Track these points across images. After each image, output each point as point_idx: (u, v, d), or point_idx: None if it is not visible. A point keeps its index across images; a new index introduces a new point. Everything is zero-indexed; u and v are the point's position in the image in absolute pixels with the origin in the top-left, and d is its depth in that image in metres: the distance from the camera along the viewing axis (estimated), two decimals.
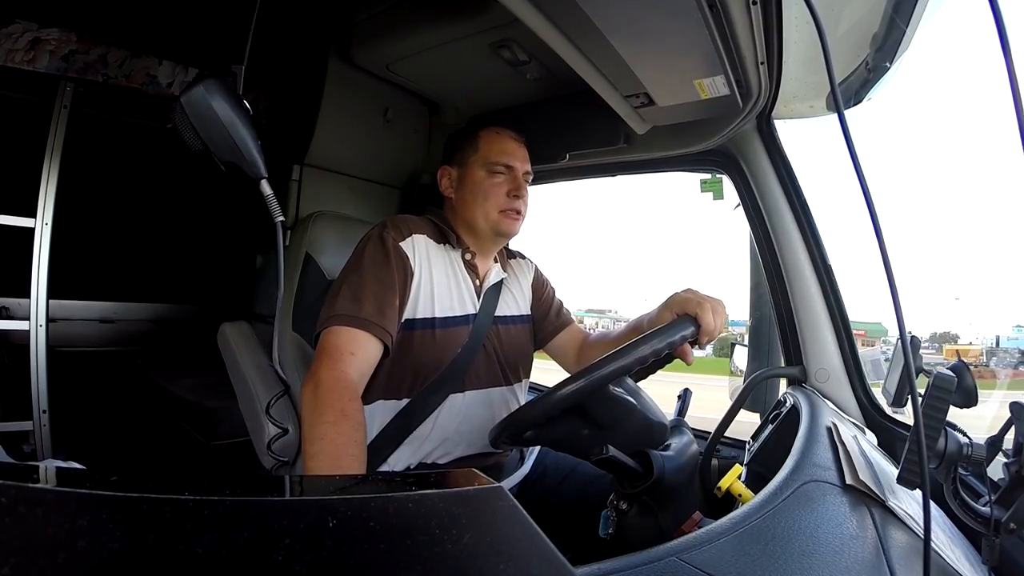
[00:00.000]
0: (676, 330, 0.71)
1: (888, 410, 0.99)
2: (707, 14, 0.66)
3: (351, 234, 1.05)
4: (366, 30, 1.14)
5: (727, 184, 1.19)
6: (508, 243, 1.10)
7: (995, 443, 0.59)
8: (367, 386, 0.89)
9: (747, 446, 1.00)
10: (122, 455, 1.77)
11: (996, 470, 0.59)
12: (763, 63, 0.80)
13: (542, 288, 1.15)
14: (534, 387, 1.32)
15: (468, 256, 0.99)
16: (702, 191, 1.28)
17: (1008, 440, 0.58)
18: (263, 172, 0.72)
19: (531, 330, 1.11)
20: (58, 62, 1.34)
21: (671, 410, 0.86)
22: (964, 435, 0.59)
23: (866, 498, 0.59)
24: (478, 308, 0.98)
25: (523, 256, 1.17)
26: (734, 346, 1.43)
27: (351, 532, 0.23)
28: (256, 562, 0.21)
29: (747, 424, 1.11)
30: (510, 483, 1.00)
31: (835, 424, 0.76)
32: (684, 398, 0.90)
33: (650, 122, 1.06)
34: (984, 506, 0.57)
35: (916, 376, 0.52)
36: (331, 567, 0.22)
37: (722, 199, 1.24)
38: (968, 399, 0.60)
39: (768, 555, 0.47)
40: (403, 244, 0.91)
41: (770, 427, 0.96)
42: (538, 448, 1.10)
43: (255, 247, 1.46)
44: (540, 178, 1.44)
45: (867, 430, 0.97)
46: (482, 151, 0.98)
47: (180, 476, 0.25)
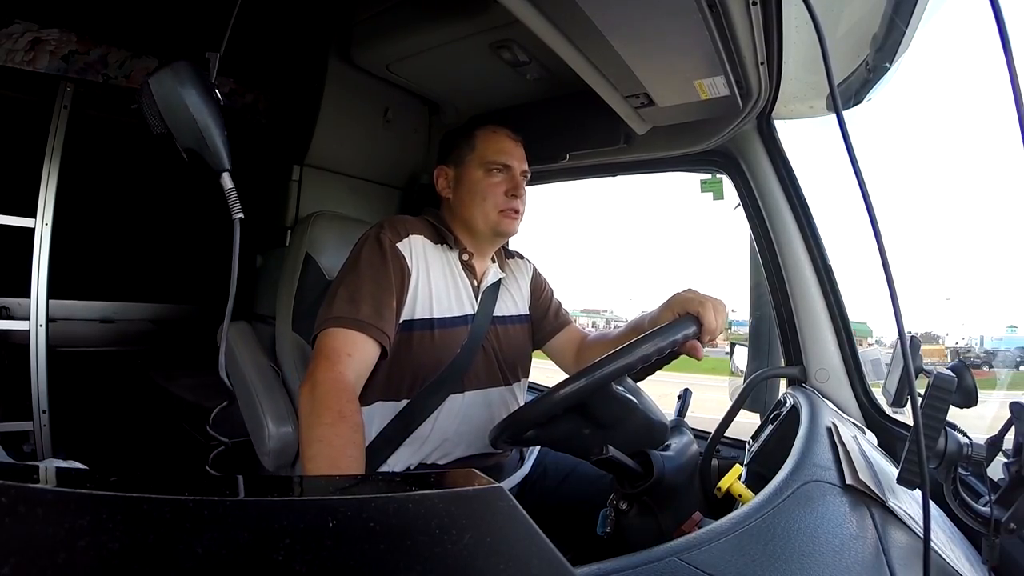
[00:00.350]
0: (678, 329, 0.71)
1: (888, 410, 0.99)
2: (707, 14, 0.66)
3: (351, 234, 1.05)
4: (366, 30, 1.14)
5: (727, 184, 1.19)
6: (507, 243, 1.10)
7: (995, 443, 0.59)
8: (366, 387, 0.89)
9: (747, 446, 1.00)
10: (122, 455, 1.77)
11: (996, 470, 0.59)
12: (763, 63, 0.80)
13: (540, 288, 1.15)
14: (533, 387, 1.32)
15: (465, 257, 0.99)
16: (702, 191, 1.28)
17: (1008, 440, 0.58)
18: (226, 164, 0.68)
19: (530, 330, 1.11)
20: (58, 62, 1.34)
21: (671, 410, 0.86)
22: (964, 435, 0.59)
23: (866, 498, 0.59)
24: (476, 308, 0.98)
25: (521, 256, 1.16)
26: (734, 346, 1.44)
27: (351, 532, 0.23)
28: (256, 562, 0.21)
29: (747, 424, 1.11)
30: (510, 483, 1.00)
31: (835, 424, 0.76)
32: (684, 398, 0.90)
33: (650, 122, 1.06)
34: (984, 506, 0.57)
35: (916, 376, 0.52)
36: (331, 567, 0.22)
37: (722, 199, 1.24)
38: (968, 399, 0.60)
39: (768, 555, 0.47)
40: (400, 245, 0.91)
41: (770, 427, 0.96)
42: (538, 448, 1.10)
43: (255, 247, 1.45)
44: (540, 178, 1.44)
45: (867, 430, 0.97)
46: (479, 150, 0.98)
47: (180, 476, 0.25)
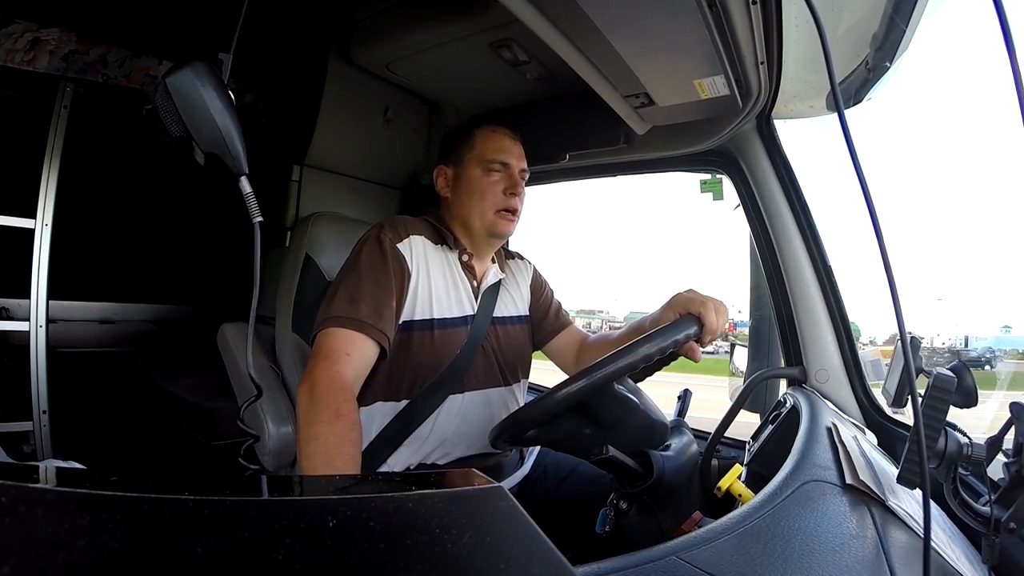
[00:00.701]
0: (680, 329, 0.72)
1: (888, 410, 0.99)
2: (707, 14, 0.66)
3: (351, 235, 1.05)
4: (366, 30, 1.14)
5: (727, 184, 1.19)
6: (507, 243, 1.10)
7: (995, 443, 0.59)
8: (366, 388, 0.89)
9: (747, 446, 1.00)
10: (122, 455, 1.77)
11: (996, 470, 0.59)
12: (763, 63, 0.80)
13: (541, 289, 1.15)
14: (534, 388, 1.32)
15: (465, 257, 0.99)
16: (702, 191, 1.28)
17: (1008, 440, 0.58)
18: (245, 168, 0.66)
19: (530, 331, 1.11)
20: (58, 62, 1.34)
21: (671, 410, 0.86)
22: (964, 435, 0.59)
23: (866, 498, 0.59)
24: (476, 309, 0.98)
25: (521, 257, 1.16)
26: (734, 346, 1.44)
27: (351, 532, 0.23)
28: (256, 562, 0.21)
29: (747, 424, 1.11)
30: (510, 483, 1.00)
31: (835, 424, 0.76)
32: (684, 398, 0.90)
33: (650, 122, 1.06)
34: (984, 506, 0.57)
35: (916, 376, 0.52)
36: (331, 567, 0.22)
37: (722, 199, 1.24)
38: (968, 399, 0.60)
39: (768, 554, 0.47)
40: (400, 245, 0.91)
41: (770, 427, 0.96)
42: (538, 448, 1.10)
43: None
44: (540, 178, 1.44)
45: (867, 430, 0.97)
46: (478, 149, 0.98)
47: (180, 476, 0.25)
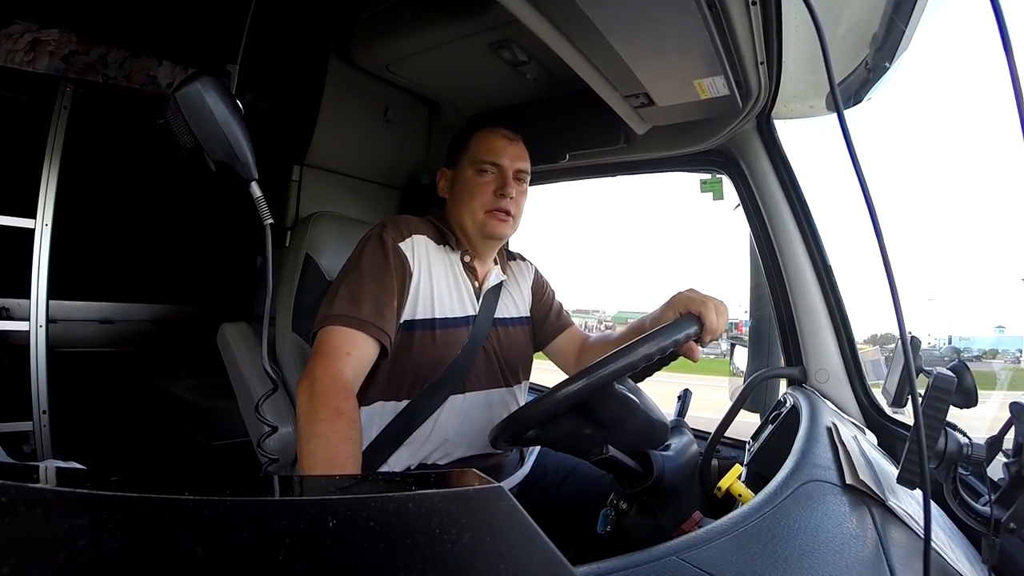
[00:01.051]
0: (681, 328, 0.72)
1: (888, 410, 0.99)
2: (707, 14, 0.66)
3: (351, 235, 1.05)
4: (366, 30, 1.14)
5: (727, 184, 1.19)
6: (507, 245, 1.10)
7: (995, 443, 0.59)
8: (367, 387, 0.89)
9: (747, 446, 1.00)
10: (122, 455, 1.77)
11: (996, 470, 0.59)
12: (763, 63, 0.80)
13: (542, 290, 1.15)
14: (534, 388, 1.32)
15: (467, 258, 0.99)
16: (702, 191, 1.28)
17: (1008, 440, 0.58)
18: (254, 174, 0.69)
19: (531, 332, 1.11)
20: (58, 63, 1.34)
21: (670, 410, 0.86)
22: (964, 435, 0.59)
23: (866, 498, 0.59)
24: (477, 310, 0.98)
25: (523, 258, 1.16)
26: (734, 346, 1.43)
27: (351, 532, 0.23)
28: (256, 562, 0.21)
29: (747, 424, 1.11)
30: (510, 484, 1.00)
31: (835, 424, 0.76)
32: (684, 398, 0.90)
33: (650, 122, 1.06)
34: (984, 506, 0.57)
35: (916, 376, 0.52)
36: (331, 567, 0.22)
37: (722, 199, 1.24)
38: (968, 399, 0.60)
39: (768, 555, 0.47)
40: (402, 245, 0.91)
41: (770, 427, 0.96)
42: (538, 448, 1.10)
43: (255, 248, 1.45)
44: (540, 178, 1.44)
45: (867, 430, 0.97)
46: (471, 150, 0.97)
47: (180, 476, 0.25)
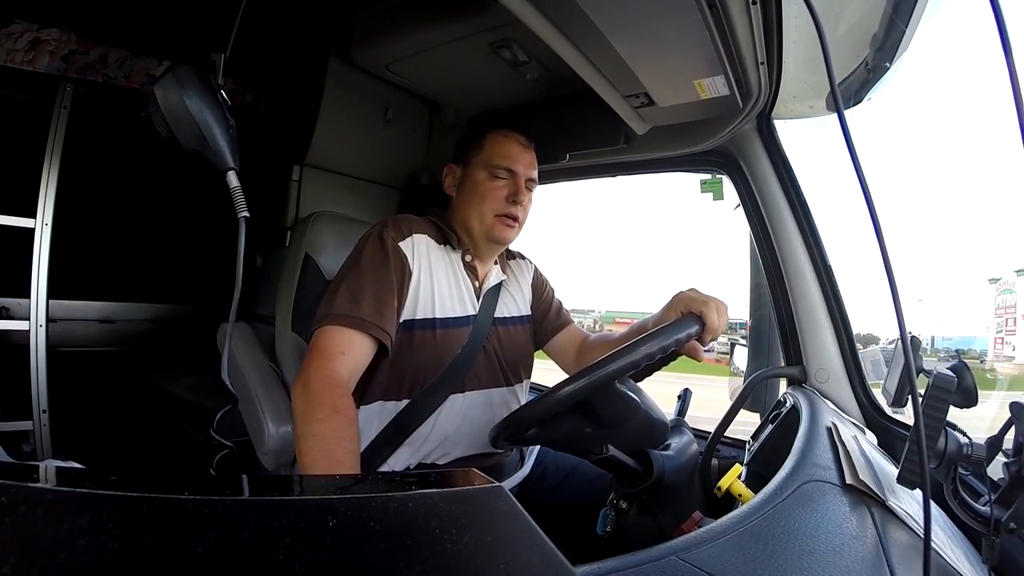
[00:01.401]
0: (682, 327, 0.72)
1: (888, 410, 0.99)
2: (707, 14, 0.66)
3: (351, 234, 1.05)
4: (366, 30, 1.14)
5: (727, 184, 1.19)
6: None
7: (995, 443, 0.59)
8: (367, 387, 0.89)
9: (747, 446, 1.00)
10: (122, 455, 1.77)
11: (996, 470, 0.59)
12: (763, 63, 0.80)
13: (542, 288, 1.15)
14: (535, 387, 1.32)
15: (468, 258, 0.99)
16: (702, 191, 1.28)
17: (1008, 440, 0.58)
18: (230, 163, 0.68)
19: (531, 330, 1.11)
20: (58, 62, 1.34)
21: (670, 410, 0.86)
22: (964, 435, 0.59)
23: (866, 498, 0.59)
24: (478, 309, 0.98)
25: (523, 256, 1.16)
26: (734, 346, 1.43)
27: (351, 532, 0.23)
28: (256, 562, 0.21)
29: (747, 424, 1.11)
30: (511, 484, 1.00)
31: (835, 424, 0.76)
32: (684, 398, 0.90)
33: (650, 122, 1.06)
34: (984, 506, 0.57)
35: (916, 376, 0.52)
36: (331, 567, 0.22)
37: (722, 199, 1.24)
38: (968, 399, 0.60)
39: (768, 554, 0.47)
40: (402, 244, 0.91)
41: (770, 427, 0.96)
42: (538, 448, 1.10)
43: (255, 247, 1.45)
44: (540, 178, 1.43)
45: (867, 430, 0.97)
46: (486, 152, 0.97)
47: (180, 476, 0.25)
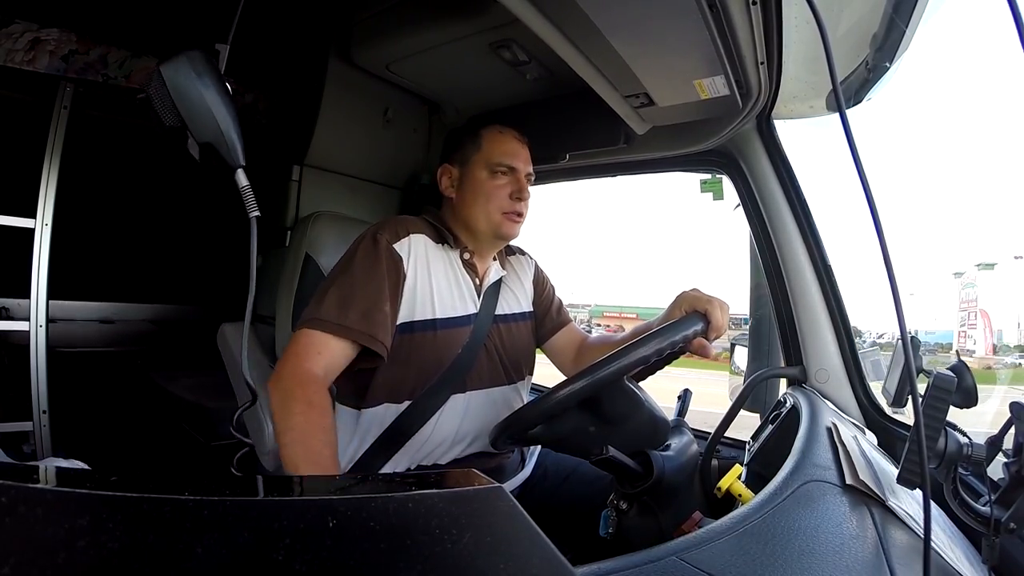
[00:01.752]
0: (687, 325, 0.73)
1: (888, 410, 0.99)
2: (707, 14, 0.66)
3: (351, 234, 1.05)
4: (366, 30, 1.14)
5: (727, 184, 1.19)
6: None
7: (995, 443, 0.59)
8: (369, 391, 0.89)
9: (747, 446, 1.00)
10: (122, 455, 1.77)
11: (996, 470, 0.59)
12: (763, 63, 0.80)
13: (542, 285, 1.14)
14: (535, 388, 1.32)
15: (467, 256, 0.99)
16: (702, 191, 1.28)
17: (1008, 440, 0.58)
18: (241, 160, 0.64)
19: (533, 326, 1.10)
20: (58, 62, 1.34)
21: (670, 406, 0.86)
22: (964, 435, 0.59)
23: (866, 498, 0.59)
24: (478, 307, 0.98)
25: (522, 252, 1.16)
26: (734, 346, 1.43)
27: (351, 532, 0.23)
28: (256, 562, 0.21)
29: (748, 424, 1.11)
30: (511, 485, 1.00)
31: (835, 424, 0.76)
32: (684, 398, 0.90)
33: (650, 122, 1.06)
34: (984, 506, 0.57)
35: (916, 376, 0.52)
36: (331, 567, 0.22)
37: (722, 199, 1.24)
38: (968, 399, 0.60)
39: (768, 555, 0.47)
40: (397, 245, 0.90)
41: (770, 427, 0.96)
42: (539, 450, 1.10)
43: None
44: (540, 178, 1.43)
45: (867, 430, 0.97)
46: (485, 151, 0.97)
47: (180, 476, 0.25)
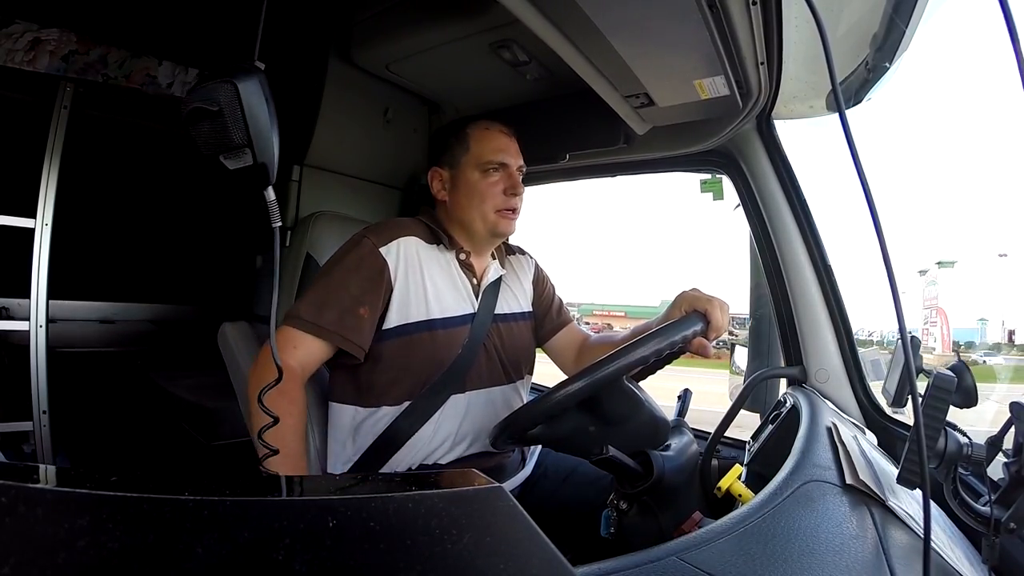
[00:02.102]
0: (687, 325, 0.73)
1: (888, 410, 0.99)
2: (707, 14, 0.66)
3: (351, 234, 1.05)
4: (366, 30, 1.14)
5: (727, 184, 1.19)
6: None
7: (995, 443, 0.59)
8: (369, 392, 0.90)
9: (747, 446, 1.00)
10: (122, 455, 1.77)
11: (996, 470, 0.59)
12: (763, 63, 0.80)
13: (543, 285, 1.14)
14: (535, 387, 1.32)
15: (463, 256, 0.98)
16: (702, 191, 1.28)
17: (1008, 440, 0.58)
18: (273, 177, 0.65)
19: (532, 326, 1.10)
20: (58, 62, 1.34)
21: (670, 405, 0.86)
22: (964, 435, 0.59)
23: (866, 498, 0.59)
24: (477, 307, 0.97)
25: (523, 251, 1.15)
26: (734, 346, 1.43)
27: (351, 532, 0.23)
28: (256, 562, 0.21)
29: (748, 424, 1.11)
30: (511, 485, 1.00)
31: (835, 424, 0.76)
32: (684, 399, 0.90)
33: (650, 122, 1.06)
34: (984, 506, 0.57)
35: (916, 376, 0.52)
36: (331, 567, 0.22)
37: (722, 199, 1.24)
38: (968, 399, 0.60)
39: (768, 555, 0.47)
40: (383, 249, 0.90)
41: (770, 427, 0.95)
42: (539, 450, 1.10)
43: (255, 248, 1.45)
44: (540, 178, 1.44)
45: (867, 430, 0.97)
46: (474, 150, 0.96)
47: (180, 476, 0.25)
